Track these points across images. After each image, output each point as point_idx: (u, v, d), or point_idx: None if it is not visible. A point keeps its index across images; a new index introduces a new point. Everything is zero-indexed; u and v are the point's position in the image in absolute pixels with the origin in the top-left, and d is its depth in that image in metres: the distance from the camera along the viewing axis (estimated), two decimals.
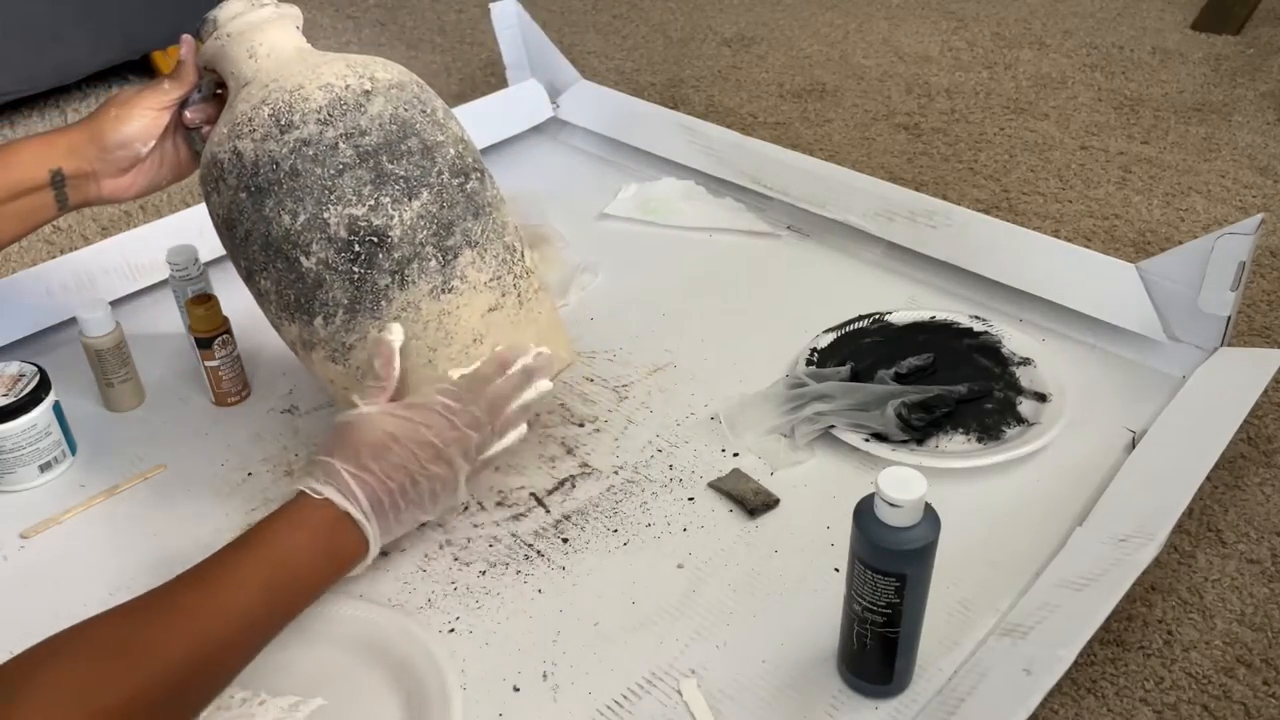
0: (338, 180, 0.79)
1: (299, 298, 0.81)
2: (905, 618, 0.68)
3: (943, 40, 1.97)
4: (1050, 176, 1.47)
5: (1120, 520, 0.81)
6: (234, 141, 0.80)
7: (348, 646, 0.76)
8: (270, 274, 0.81)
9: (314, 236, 0.79)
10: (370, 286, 0.79)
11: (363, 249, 0.79)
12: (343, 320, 0.80)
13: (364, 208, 0.79)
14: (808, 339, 1.07)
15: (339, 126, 0.79)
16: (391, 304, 0.80)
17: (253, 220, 0.80)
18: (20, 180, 0.85)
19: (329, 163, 0.79)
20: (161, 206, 1.47)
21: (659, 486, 0.92)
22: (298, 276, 0.80)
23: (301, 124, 0.79)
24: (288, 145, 0.79)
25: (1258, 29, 1.95)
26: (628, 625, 0.79)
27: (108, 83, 1.87)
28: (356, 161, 0.79)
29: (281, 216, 0.79)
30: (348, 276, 0.79)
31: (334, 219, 0.78)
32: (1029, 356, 1.03)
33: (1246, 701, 0.76)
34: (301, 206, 0.78)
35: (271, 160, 0.79)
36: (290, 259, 0.80)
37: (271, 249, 0.80)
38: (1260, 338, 1.13)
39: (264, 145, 0.79)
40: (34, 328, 1.11)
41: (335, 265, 0.79)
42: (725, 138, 1.36)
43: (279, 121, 0.79)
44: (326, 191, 0.78)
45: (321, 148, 0.79)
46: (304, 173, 0.78)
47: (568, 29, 2.09)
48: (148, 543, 0.88)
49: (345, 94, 0.81)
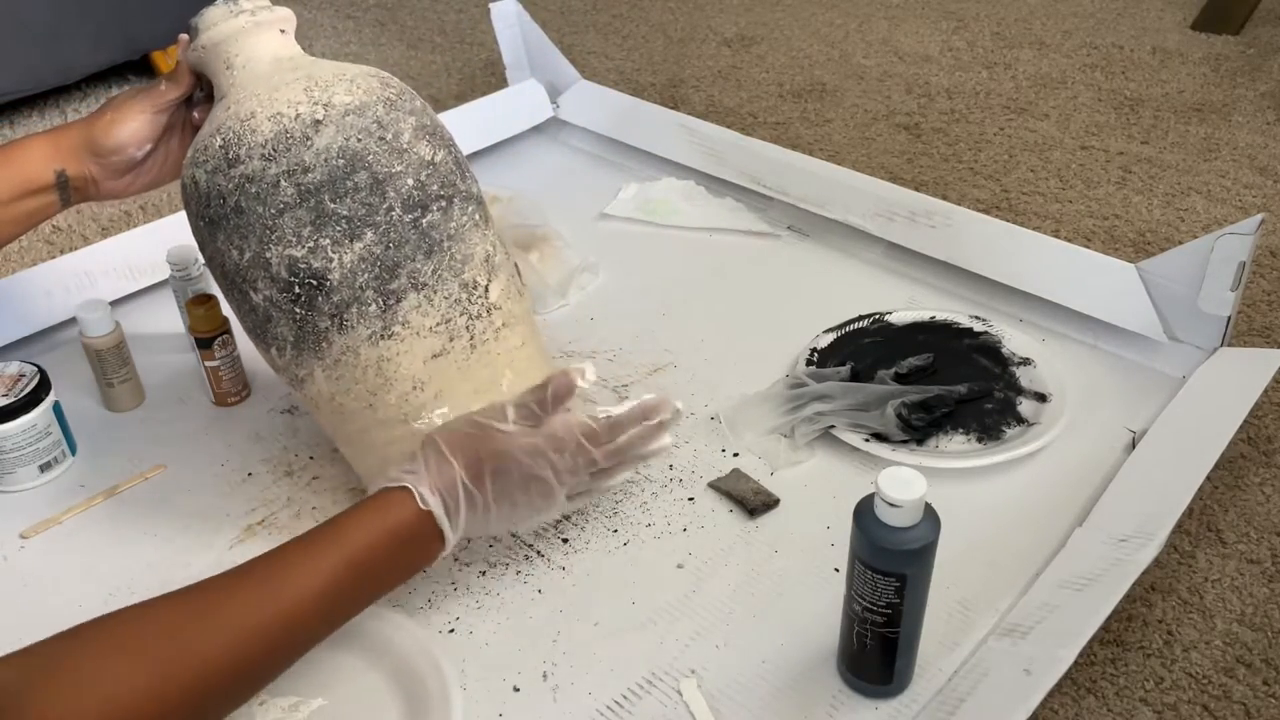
0: (278, 220, 0.77)
1: (255, 328, 0.82)
2: (905, 618, 0.68)
3: (943, 40, 1.97)
4: (1050, 176, 1.47)
5: (1120, 520, 0.81)
6: (192, 169, 0.80)
7: (348, 647, 0.76)
8: (232, 299, 0.83)
9: (259, 274, 0.78)
10: (311, 327, 0.79)
11: (302, 291, 0.78)
12: (291, 355, 0.81)
13: (303, 249, 0.77)
14: (808, 339, 1.07)
15: (282, 163, 0.77)
16: (332, 346, 0.79)
17: (211, 249, 0.81)
18: (29, 180, 0.86)
19: (270, 201, 0.77)
20: (161, 206, 1.47)
21: (659, 486, 0.92)
22: (250, 309, 0.81)
23: (247, 159, 0.77)
24: (233, 181, 0.78)
25: (1258, 29, 1.95)
26: (628, 625, 0.79)
27: (108, 83, 1.87)
28: (297, 201, 0.77)
29: (230, 251, 0.79)
30: (290, 315, 0.79)
31: (275, 259, 0.77)
32: (1029, 356, 1.03)
33: (1246, 701, 0.76)
34: (246, 244, 0.78)
35: (220, 194, 0.78)
36: (242, 291, 0.80)
37: (227, 279, 0.81)
38: (1260, 338, 1.13)
39: (214, 179, 0.78)
40: (34, 328, 1.11)
41: (279, 304, 0.79)
42: (725, 138, 1.36)
43: (227, 154, 0.78)
44: (268, 231, 0.77)
45: (264, 185, 0.77)
46: (247, 210, 0.77)
47: (568, 29, 2.09)
48: (148, 543, 0.88)
49: (293, 125, 0.77)
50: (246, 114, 0.78)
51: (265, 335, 0.81)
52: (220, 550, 0.87)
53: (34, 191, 0.87)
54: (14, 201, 0.86)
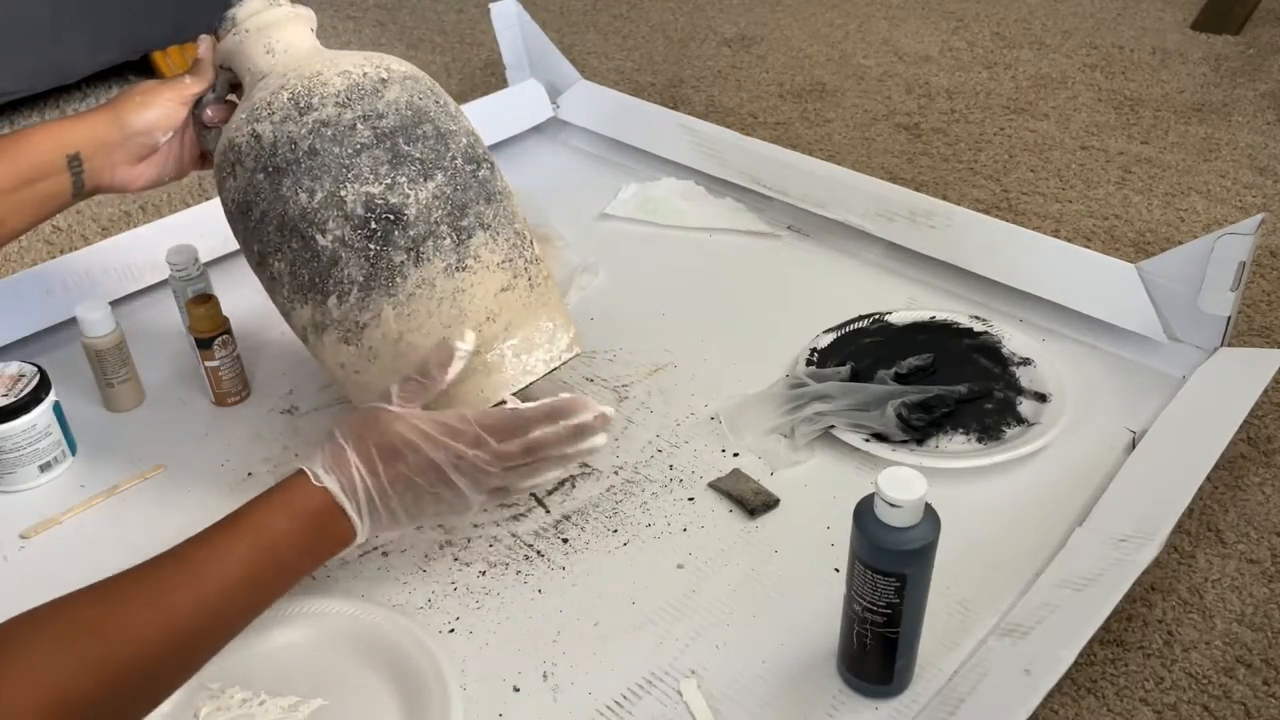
0: (355, 159, 0.80)
1: (313, 277, 0.81)
2: (905, 618, 0.68)
3: (943, 40, 1.97)
4: (1050, 176, 1.47)
5: (1120, 520, 0.81)
6: (252, 125, 0.82)
7: (348, 647, 0.76)
8: (284, 255, 0.82)
9: (330, 214, 0.80)
10: (385, 263, 0.80)
11: (379, 226, 0.80)
12: (357, 298, 0.81)
13: (380, 186, 0.80)
14: (808, 339, 1.07)
15: (357, 109, 0.81)
16: (407, 280, 0.80)
17: (269, 201, 0.81)
18: (35, 165, 0.85)
19: (347, 142, 0.80)
20: (161, 206, 1.47)
21: (659, 486, 0.92)
22: (313, 255, 0.81)
23: (320, 106, 0.81)
24: (306, 126, 0.80)
25: (1258, 29, 1.95)
26: (628, 625, 0.79)
27: (108, 83, 1.87)
28: (374, 142, 0.81)
29: (299, 195, 0.80)
30: (363, 253, 0.80)
31: (351, 196, 0.80)
32: (1029, 356, 1.03)
33: (1246, 701, 0.76)
34: (319, 184, 0.80)
35: (290, 140, 0.80)
36: (306, 237, 0.80)
37: (287, 229, 0.81)
38: (1260, 338, 1.13)
39: (283, 126, 0.81)
40: (34, 328, 1.11)
41: (351, 242, 0.80)
42: (725, 138, 1.36)
43: (298, 104, 0.81)
44: (344, 170, 0.80)
45: (340, 128, 0.80)
46: (322, 152, 0.80)
47: (568, 29, 2.09)
48: (148, 543, 0.87)
49: (363, 80, 0.83)
50: (312, 73, 0.82)
51: (327, 282, 0.81)
52: None
53: (41, 177, 0.85)
54: (22, 187, 0.84)
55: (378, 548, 0.86)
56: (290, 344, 1.11)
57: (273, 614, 0.77)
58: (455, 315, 0.81)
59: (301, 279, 0.82)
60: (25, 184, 0.84)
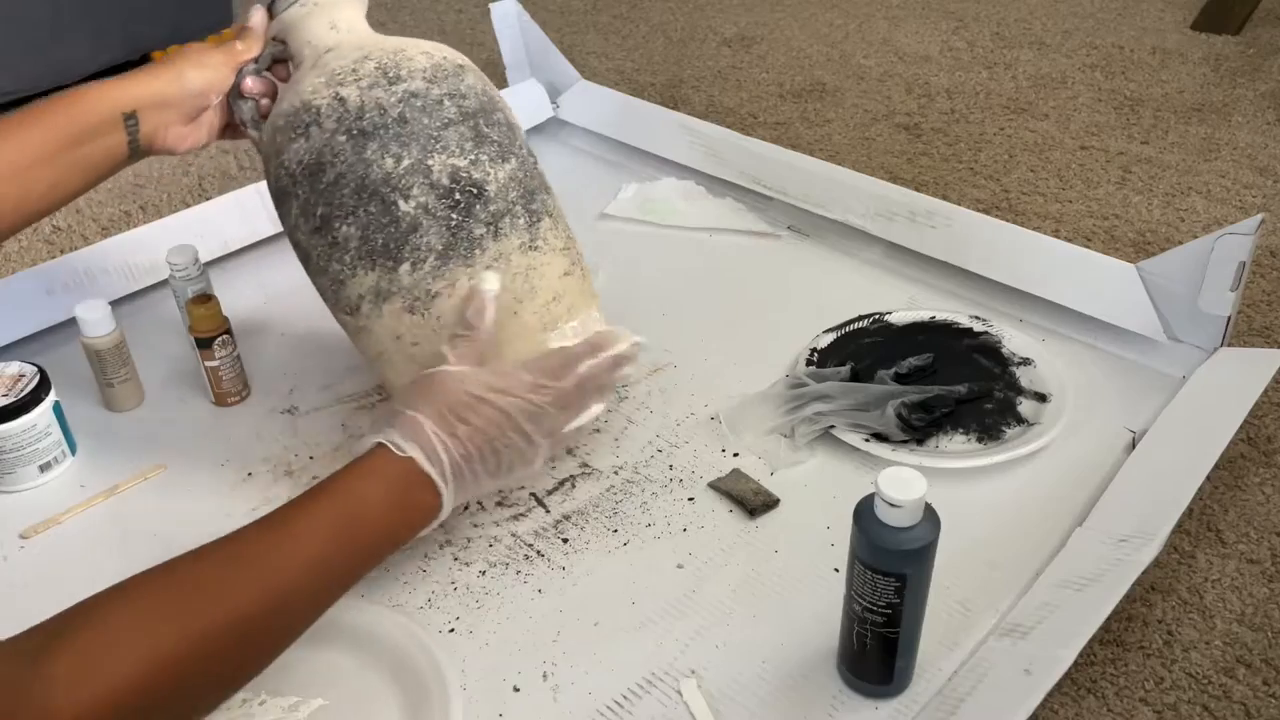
0: (443, 132, 0.82)
1: (388, 242, 0.81)
2: (905, 618, 0.68)
3: (943, 40, 1.97)
4: (1050, 176, 1.47)
5: (1120, 520, 0.81)
6: (335, 88, 0.82)
7: (348, 647, 0.76)
8: (357, 219, 0.82)
9: (416, 181, 0.81)
10: (466, 234, 0.81)
11: (463, 197, 0.82)
12: (432, 266, 0.81)
13: (466, 160, 0.82)
14: (808, 339, 1.07)
15: (443, 87, 0.84)
16: (485, 253, 0.82)
17: (349, 163, 0.81)
18: (91, 124, 0.82)
19: (435, 115, 0.82)
20: (161, 206, 1.47)
21: (659, 486, 0.92)
22: (392, 220, 0.81)
23: (409, 78, 0.83)
24: (396, 95, 0.82)
25: (1258, 29, 1.95)
26: (628, 625, 0.79)
27: None
28: (459, 119, 0.83)
29: (384, 160, 0.81)
30: (445, 222, 0.81)
31: (438, 166, 0.81)
32: (1029, 356, 1.03)
33: (1246, 701, 0.76)
34: (407, 151, 0.81)
35: (379, 106, 0.81)
36: (387, 202, 0.81)
37: (366, 192, 0.81)
38: (1260, 338, 1.13)
39: (371, 92, 0.82)
40: (34, 328, 1.11)
41: (434, 210, 0.81)
42: (725, 138, 1.36)
43: (386, 74, 0.83)
44: (433, 140, 0.82)
45: (429, 101, 0.82)
46: (412, 120, 0.81)
47: (568, 29, 2.09)
48: (148, 543, 0.88)
49: (443, 63, 0.85)
50: (395, 48, 0.85)
51: (403, 248, 0.81)
52: None
53: (98, 135, 0.83)
54: (77, 147, 0.82)
55: None
56: (290, 344, 1.11)
57: None
58: (527, 291, 0.83)
59: (374, 243, 0.82)
60: (80, 143, 0.82)
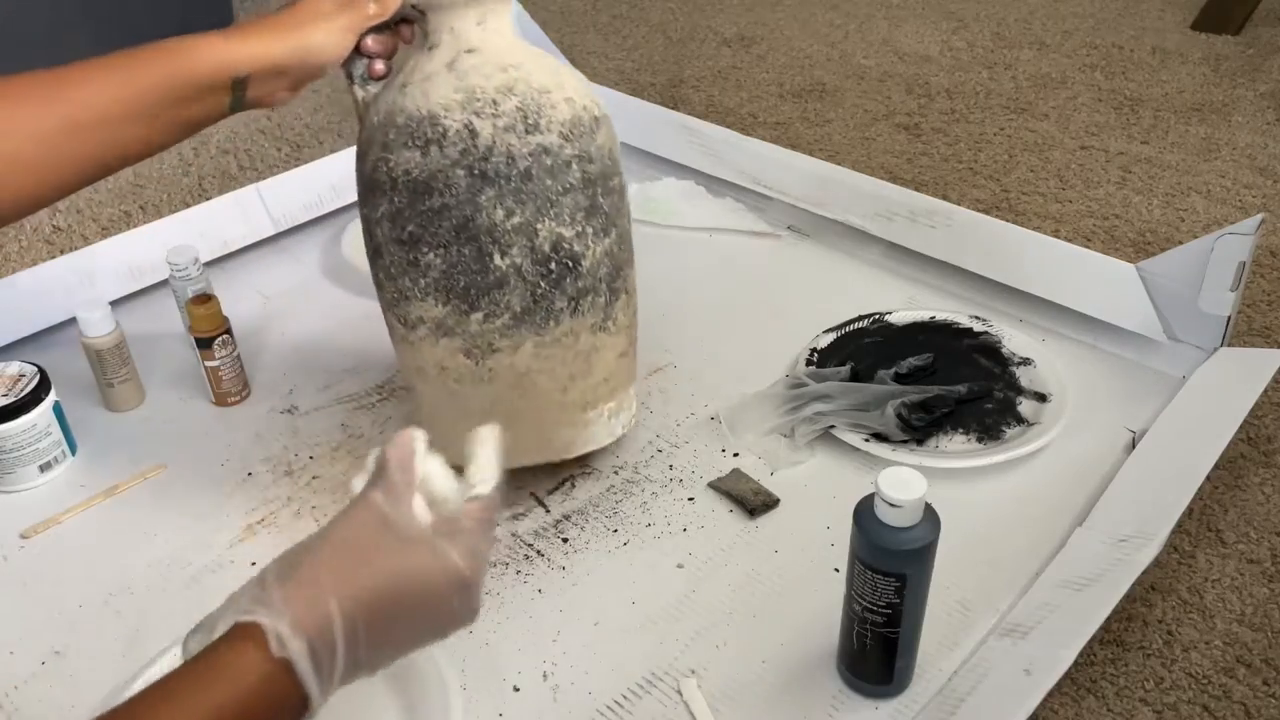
0: (561, 198, 0.79)
1: (470, 288, 0.79)
2: (905, 618, 0.68)
3: (943, 40, 1.97)
4: (1050, 176, 1.47)
5: (1120, 520, 0.81)
6: (469, 115, 0.77)
7: None
8: (448, 254, 0.79)
9: (519, 241, 0.78)
10: (547, 304, 0.80)
11: (557, 268, 0.80)
12: (504, 324, 0.80)
13: (572, 231, 0.79)
14: (808, 339, 1.07)
15: (575, 146, 0.79)
16: (558, 325, 0.81)
17: (459, 200, 0.78)
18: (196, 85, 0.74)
19: (560, 178, 0.79)
20: (161, 206, 1.47)
21: (659, 486, 0.92)
22: (482, 269, 0.79)
23: (546, 130, 0.78)
24: (529, 146, 0.78)
25: (1258, 29, 1.95)
26: (628, 625, 0.79)
27: None
28: (581, 185, 0.80)
29: (496, 210, 0.78)
30: (533, 288, 0.79)
31: (544, 232, 0.79)
32: (1029, 356, 1.03)
33: (1246, 701, 0.76)
34: (521, 209, 0.78)
35: (509, 154, 0.77)
36: (484, 251, 0.78)
37: (466, 234, 0.78)
38: (1260, 338, 1.13)
39: (505, 136, 0.77)
40: (34, 328, 1.11)
41: (526, 274, 0.79)
42: (725, 138, 1.36)
43: (526, 119, 0.78)
44: (549, 204, 0.78)
45: (558, 161, 0.78)
46: (536, 179, 0.78)
47: (568, 29, 2.09)
48: (148, 543, 0.88)
49: (583, 114, 0.80)
50: (541, 86, 0.79)
51: (483, 298, 0.79)
52: (220, 550, 0.87)
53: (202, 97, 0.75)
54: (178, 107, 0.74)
55: None
56: (290, 344, 1.11)
57: None
58: (582, 370, 0.84)
59: (455, 283, 0.80)
60: (182, 103, 0.74)
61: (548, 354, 0.82)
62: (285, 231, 1.28)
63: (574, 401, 0.85)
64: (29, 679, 0.77)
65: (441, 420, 0.86)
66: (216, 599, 0.82)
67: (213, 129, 1.69)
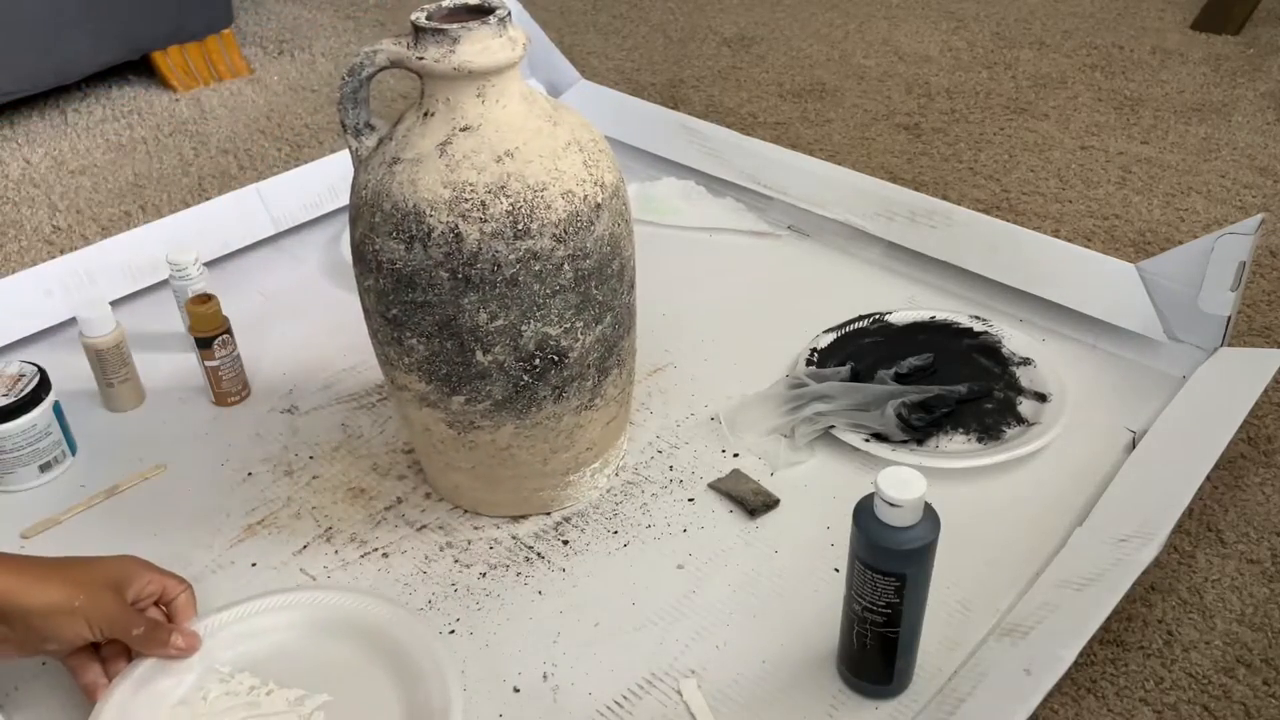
0: (550, 300, 0.76)
1: (452, 375, 0.79)
2: (905, 618, 0.68)
3: (943, 40, 1.97)
4: (1050, 176, 1.47)
5: (1120, 520, 0.81)
6: (455, 218, 0.73)
7: (351, 646, 0.76)
8: (430, 344, 0.78)
9: (501, 340, 0.77)
10: (530, 395, 0.80)
11: (541, 364, 0.79)
12: (485, 409, 0.80)
13: (559, 329, 0.78)
14: (808, 339, 1.07)
15: (569, 246, 0.76)
16: (540, 411, 0.81)
17: (441, 300, 0.75)
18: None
19: (549, 282, 0.76)
20: (161, 206, 1.47)
21: (659, 487, 0.92)
22: (464, 362, 0.78)
23: (538, 234, 0.74)
24: (517, 253, 0.74)
25: (1258, 29, 1.95)
26: (628, 625, 0.79)
27: (107, 83, 1.87)
28: (572, 285, 0.77)
29: (479, 314, 0.75)
30: (515, 382, 0.79)
31: (529, 333, 0.77)
32: (1029, 356, 1.03)
33: (1246, 701, 0.76)
34: (505, 313, 0.76)
35: (495, 261, 0.74)
36: (465, 347, 0.77)
37: (448, 331, 0.77)
38: (1260, 338, 1.13)
39: (492, 242, 0.73)
40: (34, 328, 1.11)
41: (508, 368, 0.78)
42: (725, 138, 1.36)
43: (516, 224, 0.74)
44: (535, 308, 0.76)
45: (548, 265, 0.75)
46: (523, 285, 0.75)
47: (568, 29, 2.09)
48: (148, 543, 0.88)
49: (581, 207, 0.76)
50: (537, 184, 0.74)
51: (464, 386, 0.79)
52: (220, 550, 0.87)
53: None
54: None
55: (378, 549, 0.86)
56: (290, 344, 1.11)
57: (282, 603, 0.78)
58: (564, 444, 0.84)
59: (437, 370, 0.79)
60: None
61: (529, 435, 0.82)
62: (285, 231, 1.28)
63: (554, 470, 0.86)
64: (29, 679, 0.77)
65: (431, 465, 0.90)
66: (216, 599, 0.82)
67: (213, 129, 1.69)
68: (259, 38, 2.08)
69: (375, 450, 0.97)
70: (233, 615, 0.77)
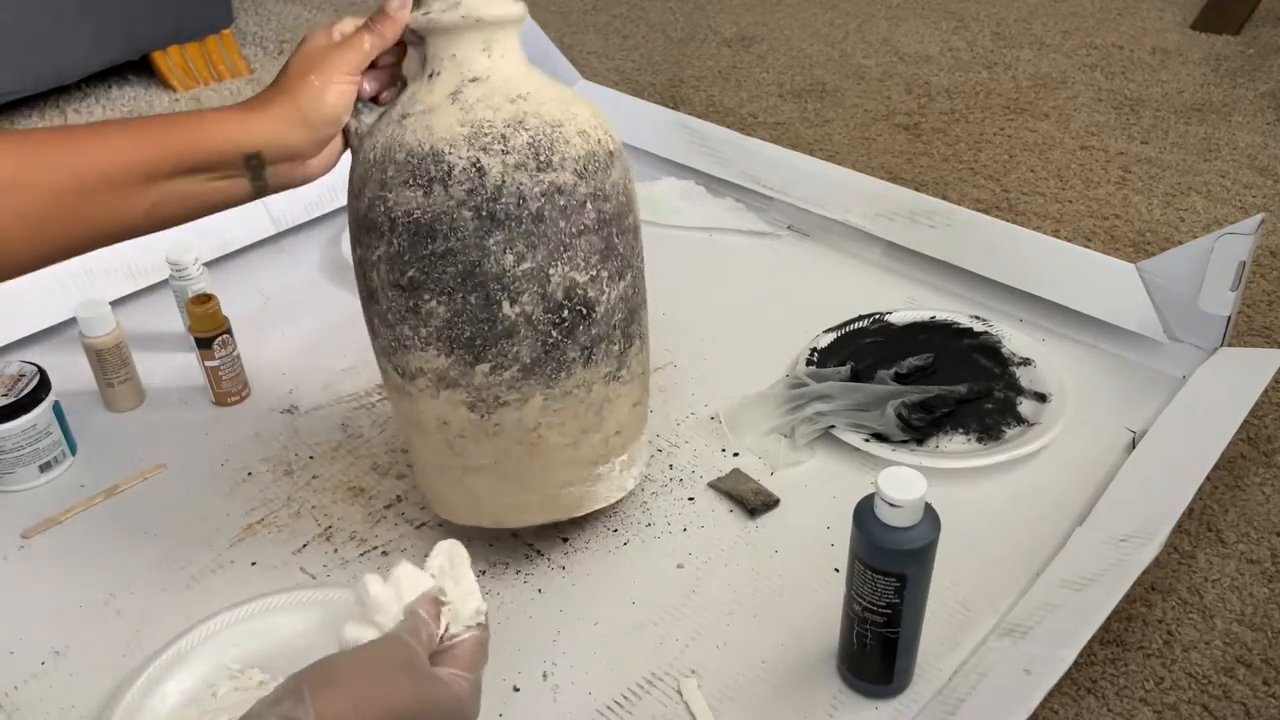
0: (575, 240, 0.73)
1: (476, 338, 0.74)
2: (905, 618, 0.68)
3: (943, 40, 1.97)
4: (1050, 176, 1.47)
5: (1120, 520, 0.81)
6: (477, 151, 0.71)
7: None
8: (452, 302, 0.73)
9: (530, 287, 0.72)
10: (559, 355, 0.75)
11: (570, 316, 0.74)
12: (512, 376, 0.75)
13: (586, 276, 0.74)
14: (808, 339, 1.07)
15: (590, 184, 0.73)
16: (570, 377, 0.76)
17: (466, 243, 0.71)
18: (205, 155, 0.69)
19: (574, 220, 0.73)
20: None
21: (659, 486, 0.92)
22: (489, 318, 0.73)
23: (560, 167, 0.72)
24: (541, 185, 0.71)
25: (1258, 29, 1.95)
26: (628, 625, 0.79)
27: (107, 83, 1.87)
28: (596, 227, 0.74)
29: (506, 255, 0.71)
30: (544, 338, 0.74)
31: (557, 277, 0.73)
32: (1029, 356, 1.03)
33: (1246, 701, 0.76)
34: (532, 254, 0.72)
35: (520, 194, 0.71)
36: (492, 299, 0.72)
37: (472, 280, 0.72)
38: (1260, 338, 1.13)
39: (516, 174, 0.71)
40: (34, 328, 1.11)
41: (537, 323, 0.73)
42: (725, 138, 1.36)
43: (538, 155, 0.71)
44: (562, 248, 0.72)
45: (572, 201, 0.72)
46: (548, 221, 0.72)
47: (568, 29, 2.09)
48: (148, 543, 0.88)
49: (597, 149, 0.74)
50: (553, 119, 0.73)
51: (489, 349, 0.74)
52: (220, 550, 0.87)
53: (211, 169, 0.70)
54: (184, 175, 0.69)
55: (377, 547, 0.86)
56: (290, 344, 1.11)
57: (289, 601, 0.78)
58: (594, 423, 0.79)
59: (460, 333, 0.74)
60: (191, 176, 0.69)
61: (558, 407, 0.77)
62: (285, 231, 1.28)
63: (584, 457, 0.80)
64: (29, 679, 0.77)
65: (441, 480, 0.82)
66: (216, 599, 0.82)
67: None
68: (259, 38, 2.08)
69: (375, 450, 0.97)
70: (241, 613, 0.77)
